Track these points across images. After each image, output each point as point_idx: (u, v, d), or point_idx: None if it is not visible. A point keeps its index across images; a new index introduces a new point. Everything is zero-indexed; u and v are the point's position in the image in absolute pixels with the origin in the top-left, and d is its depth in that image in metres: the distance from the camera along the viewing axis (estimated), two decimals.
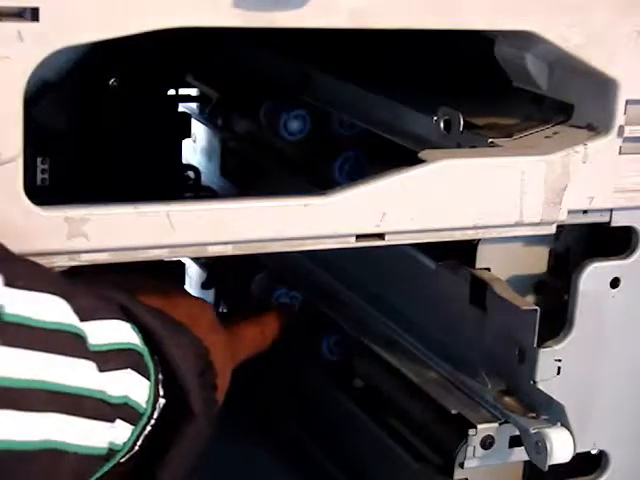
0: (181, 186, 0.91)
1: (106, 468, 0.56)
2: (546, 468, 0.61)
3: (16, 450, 0.48)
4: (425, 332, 0.72)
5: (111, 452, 0.55)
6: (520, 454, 0.65)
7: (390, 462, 0.72)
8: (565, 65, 0.63)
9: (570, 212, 0.63)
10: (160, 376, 0.59)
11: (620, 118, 0.62)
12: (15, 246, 0.52)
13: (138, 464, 0.58)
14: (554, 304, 0.67)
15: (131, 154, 0.80)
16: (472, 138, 0.64)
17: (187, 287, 0.97)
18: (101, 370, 0.53)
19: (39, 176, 0.75)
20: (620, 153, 0.63)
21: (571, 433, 0.61)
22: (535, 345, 0.63)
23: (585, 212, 0.64)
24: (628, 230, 0.66)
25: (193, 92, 0.97)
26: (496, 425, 0.65)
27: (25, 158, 0.52)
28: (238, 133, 0.92)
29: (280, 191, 0.59)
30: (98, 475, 0.55)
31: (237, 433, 0.85)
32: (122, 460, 0.57)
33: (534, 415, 0.63)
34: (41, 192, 0.74)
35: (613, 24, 0.61)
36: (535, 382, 0.63)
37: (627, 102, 0.62)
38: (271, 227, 0.57)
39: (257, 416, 0.87)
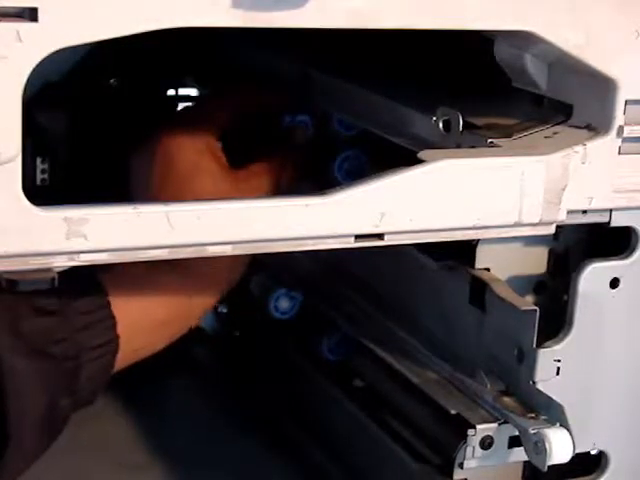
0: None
1: None
2: (545, 468, 0.61)
3: None
4: (425, 332, 0.72)
5: None
6: (519, 454, 0.65)
7: (389, 462, 0.72)
8: (564, 65, 0.63)
9: (569, 212, 0.63)
10: None
11: (619, 118, 0.62)
12: (14, 246, 0.52)
13: None
14: (554, 304, 0.67)
15: (131, 154, 0.80)
16: (472, 138, 0.64)
17: None
18: None
19: (39, 176, 0.75)
20: (619, 153, 0.63)
21: (570, 433, 0.61)
22: (534, 345, 0.63)
23: (584, 212, 0.64)
24: (628, 230, 0.66)
25: (193, 92, 0.97)
26: (495, 425, 0.65)
27: (25, 158, 0.52)
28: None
29: None
30: None
31: (236, 433, 0.85)
32: None
33: (533, 415, 0.63)
34: (41, 192, 0.74)
35: (613, 24, 0.61)
36: (534, 382, 0.63)
37: (626, 102, 0.62)
38: (271, 227, 0.57)
39: (257, 416, 0.87)
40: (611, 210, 0.65)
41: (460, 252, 0.67)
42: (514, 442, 0.65)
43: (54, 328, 0.62)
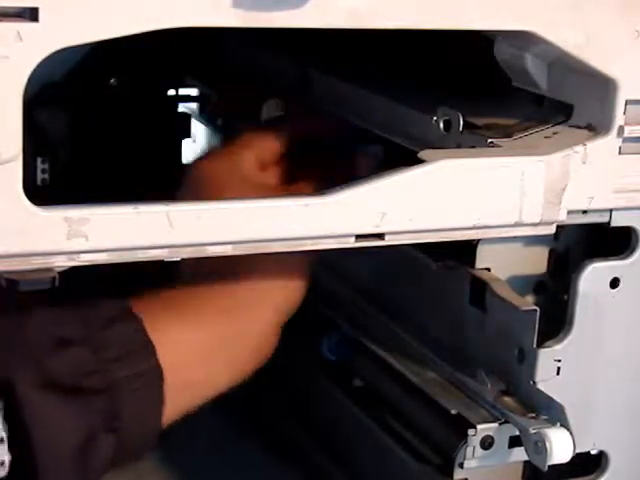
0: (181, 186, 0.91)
1: None
2: (546, 468, 0.61)
3: None
4: (425, 332, 0.72)
5: None
6: (520, 454, 0.65)
7: (390, 462, 0.72)
8: (565, 65, 0.63)
9: (570, 212, 0.63)
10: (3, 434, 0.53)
11: (620, 118, 0.62)
12: (15, 246, 0.52)
13: None
14: (554, 304, 0.67)
15: (131, 154, 0.80)
16: (472, 138, 0.64)
17: None
18: None
19: (39, 176, 0.75)
20: (620, 153, 0.63)
21: (571, 433, 0.61)
22: (535, 345, 0.63)
23: (585, 212, 0.64)
24: (628, 230, 0.66)
25: (193, 92, 0.97)
26: (496, 425, 0.65)
27: (25, 158, 0.52)
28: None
29: None
30: None
31: (236, 433, 0.85)
32: None
33: (534, 415, 0.63)
34: (41, 192, 0.74)
35: (613, 24, 0.61)
36: (535, 382, 0.63)
37: (627, 102, 0.62)
38: (271, 227, 0.57)
39: (256, 416, 0.87)
40: (611, 210, 0.65)
41: (460, 252, 0.67)
42: (514, 442, 0.65)
43: (82, 360, 0.57)
